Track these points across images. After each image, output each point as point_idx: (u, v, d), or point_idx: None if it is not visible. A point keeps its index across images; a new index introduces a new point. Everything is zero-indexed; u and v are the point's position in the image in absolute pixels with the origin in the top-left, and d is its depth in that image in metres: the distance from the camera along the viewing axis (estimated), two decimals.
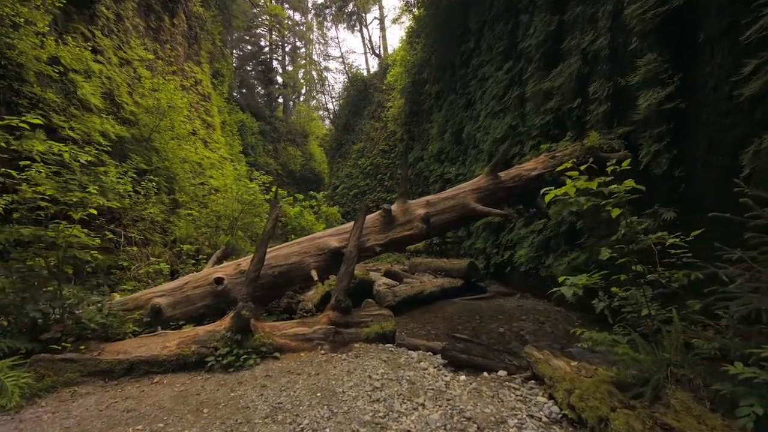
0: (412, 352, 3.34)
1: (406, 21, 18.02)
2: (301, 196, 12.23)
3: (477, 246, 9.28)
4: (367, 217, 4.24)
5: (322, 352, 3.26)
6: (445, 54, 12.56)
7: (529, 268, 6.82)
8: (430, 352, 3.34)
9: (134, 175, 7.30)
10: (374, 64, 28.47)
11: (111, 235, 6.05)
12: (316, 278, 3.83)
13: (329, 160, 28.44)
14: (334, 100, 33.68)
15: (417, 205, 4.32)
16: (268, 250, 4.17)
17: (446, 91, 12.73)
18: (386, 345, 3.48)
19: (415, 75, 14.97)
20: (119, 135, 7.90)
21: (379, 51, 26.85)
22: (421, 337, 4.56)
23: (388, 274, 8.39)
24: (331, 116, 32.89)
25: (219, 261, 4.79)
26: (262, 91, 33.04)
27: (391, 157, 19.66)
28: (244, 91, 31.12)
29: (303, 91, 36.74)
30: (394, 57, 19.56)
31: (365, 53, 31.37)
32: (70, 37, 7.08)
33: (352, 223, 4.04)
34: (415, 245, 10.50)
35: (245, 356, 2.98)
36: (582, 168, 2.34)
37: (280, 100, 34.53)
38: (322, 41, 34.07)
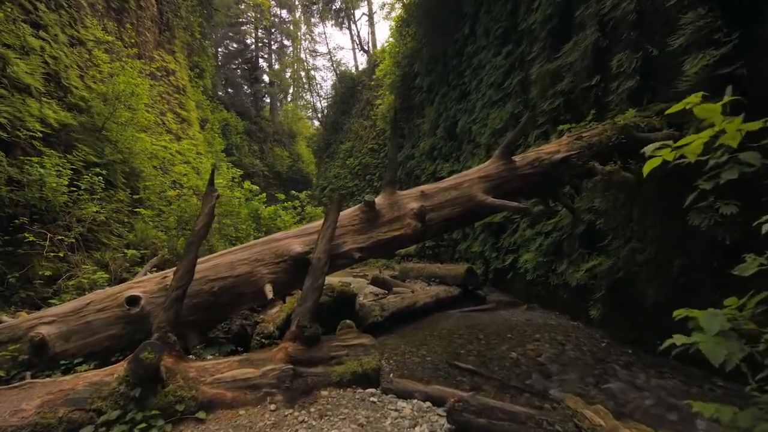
0: (402, 403, 2.32)
1: (396, 12, 17.13)
2: (282, 197, 11.19)
3: (474, 249, 8.37)
4: (344, 212, 3.23)
5: (272, 407, 2.22)
6: (437, 43, 11.76)
7: (537, 275, 5.95)
8: (428, 403, 2.34)
9: (78, 168, 6.22)
10: (363, 61, 27.67)
11: (31, 237, 4.90)
12: (271, 295, 2.79)
13: (317, 161, 27.50)
14: (322, 99, 32.73)
15: (409, 197, 3.32)
16: (209, 257, 3.13)
17: (438, 84, 11.96)
18: (366, 390, 2.46)
19: (405, 68, 14.18)
20: (63, 122, 6.73)
21: (368, 47, 26.01)
22: (415, 366, 3.56)
23: (375, 281, 7.45)
24: (319, 116, 31.98)
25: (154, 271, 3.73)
26: (248, 90, 32.03)
27: (380, 156, 18.89)
28: (229, 90, 30.07)
29: (290, 90, 35.73)
30: (383, 49, 18.70)
31: (353, 50, 30.60)
32: None
33: (321, 221, 3.03)
34: (405, 249, 9.54)
35: (145, 424, 1.92)
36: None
37: (267, 99, 33.51)
38: (309, 38, 33.11)
